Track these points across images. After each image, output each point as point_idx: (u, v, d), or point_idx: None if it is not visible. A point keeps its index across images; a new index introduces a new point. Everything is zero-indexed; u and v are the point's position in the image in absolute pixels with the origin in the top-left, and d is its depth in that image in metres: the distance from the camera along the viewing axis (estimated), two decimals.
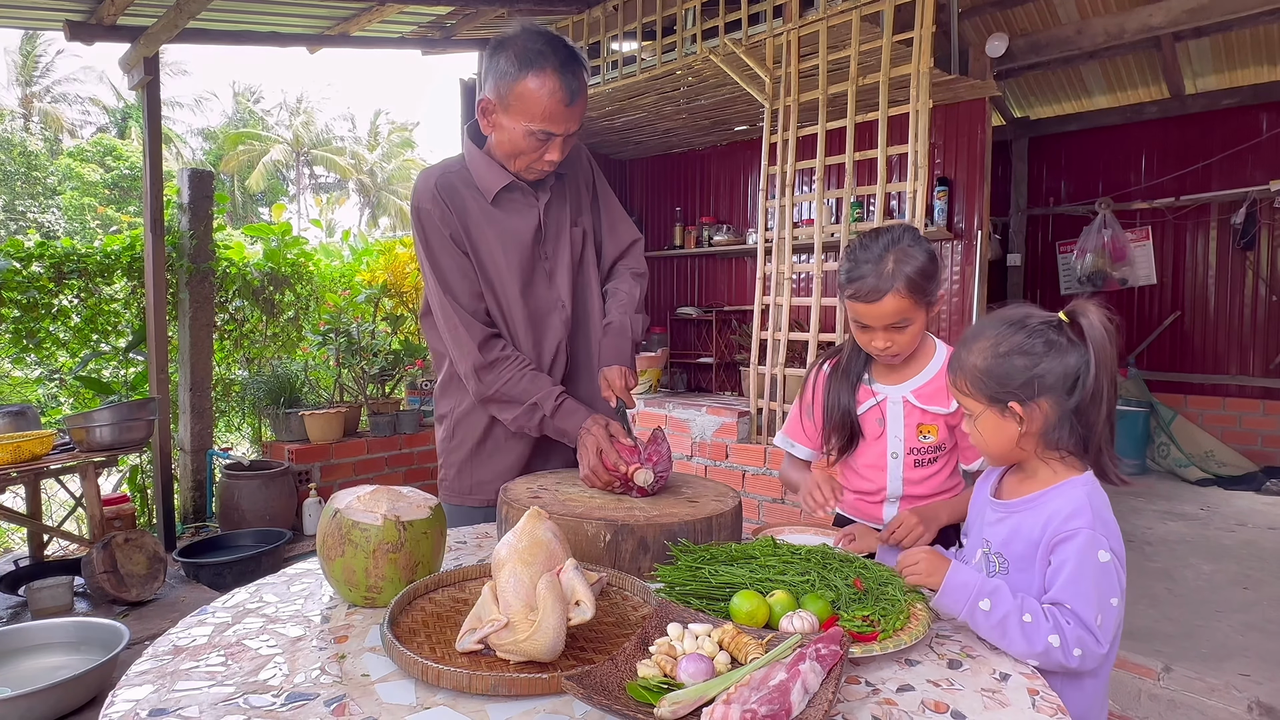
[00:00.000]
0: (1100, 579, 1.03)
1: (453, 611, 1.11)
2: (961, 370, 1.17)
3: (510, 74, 1.48)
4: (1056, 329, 1.11)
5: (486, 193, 1.62)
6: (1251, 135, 5.30)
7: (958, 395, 1.19)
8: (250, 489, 3.93)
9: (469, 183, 1.63)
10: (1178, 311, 5.73)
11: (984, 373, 1.14)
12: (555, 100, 1.47)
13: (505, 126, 1.53)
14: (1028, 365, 1.10)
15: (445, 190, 1.60)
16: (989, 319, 1.19)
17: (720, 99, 4.48)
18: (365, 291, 4.96)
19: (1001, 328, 1.14)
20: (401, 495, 1.21)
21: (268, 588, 1.23)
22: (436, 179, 1.61)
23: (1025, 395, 1.11)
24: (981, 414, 1.15)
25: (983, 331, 1.16)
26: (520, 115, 1.50)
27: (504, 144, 1.56)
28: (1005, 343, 1.13)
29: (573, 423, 1.55)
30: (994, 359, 1.13)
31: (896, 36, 3.05)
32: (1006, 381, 1.11)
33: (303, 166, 28.99)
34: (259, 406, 4.54)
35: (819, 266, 3.33)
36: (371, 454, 4.59)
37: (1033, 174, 6.29)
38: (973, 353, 1.15)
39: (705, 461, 3.66)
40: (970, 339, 1.18)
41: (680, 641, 0.94)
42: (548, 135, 1.51)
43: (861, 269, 1.43)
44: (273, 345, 4.94)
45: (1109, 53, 5.32)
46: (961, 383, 1.17)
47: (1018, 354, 1.11)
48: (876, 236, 1.45)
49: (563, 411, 1.56)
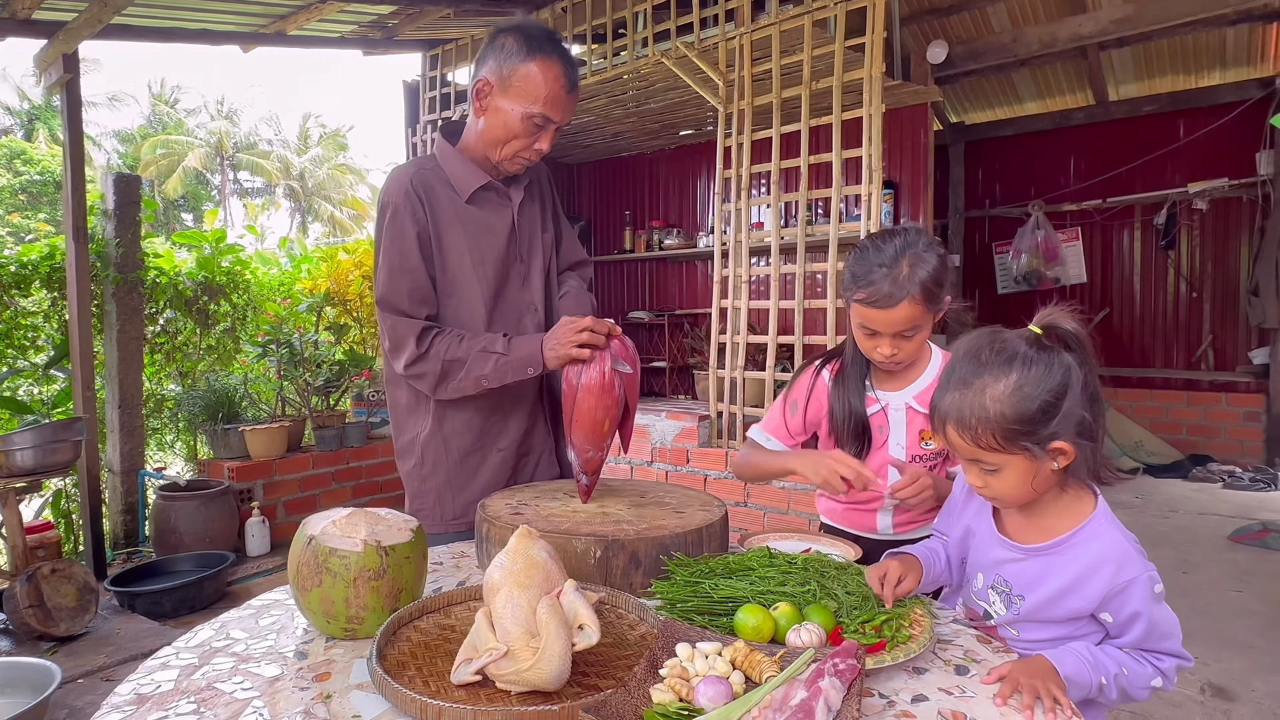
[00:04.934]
0: (1164, 607, 1.03)
1: (441, 640, 1.04)
2: (984, 424, 1.00)
3: (516, 55, 1.47)
4: (1044, 347, 1.03)
5: (462, 191, 1.58)
6: (1170, 140, 5.59)
7: (976, 452, 1.03)
8: (188, 510, 3.72)
9: (444, 180, 1.59)
10: (1107, 309, 5.99)
11: (1016, 420, 0.99)
12: (559, 85, 1.48)
13: (502, 109, 1.51)
14: (1055, 397, 0.99)
15: (421, 187, 1.54)
16: (965, 358, 1.05)
17: (670, 102, 4.48)
18: (307, 300, 4.77)
19: (996, 363, 1.02)
20: (380, 518, 1.14)
21: (234, 623, 1.14)
22: (412, 175, 1.55)
23: (1064, 429, 0.99)
24: (1008, 465, 1.02)
25: (978, 373, 1.02)
26: (521, 98, 1.48)
27: (495, 129, 1.53)
28: (1016, 379, 1.00)
29: (530, 345, 1.48)
30: (1019, 402, 0.99)
31: (848, 42, 3.09)
32: (1042, 423, 0.99)
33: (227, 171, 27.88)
34: (195, 423, 4.31)
35: (777, 270, 3.35)
36: (317, 469, 4.42)
37: (969, 177, 6.50)
38: (990, 400, 1.00)
39: (666, 466, 3.64)
40: (971, 385, 1.02)
41: (691, 662, 0.91)
42: (545, 121, 1.51)
43: (874, 274, 1.35)
44: (208, 358, 4.70)
45: (1040, 61, 5.54)
46: (986, 437, 1.00)
47: (1038, 387, 0.99)
48: (888, 239, 1.37)
49: (516, 342, 1.50)
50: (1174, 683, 1.02)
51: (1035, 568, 1.08)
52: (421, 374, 1.53)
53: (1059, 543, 1.06)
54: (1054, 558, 1.07)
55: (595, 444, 1.41)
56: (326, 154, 29.29)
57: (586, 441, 1.40)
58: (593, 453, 1.41)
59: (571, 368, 1.42)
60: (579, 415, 1.40)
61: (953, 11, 5.04)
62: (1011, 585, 1.11)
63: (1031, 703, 0.90)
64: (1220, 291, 5.59)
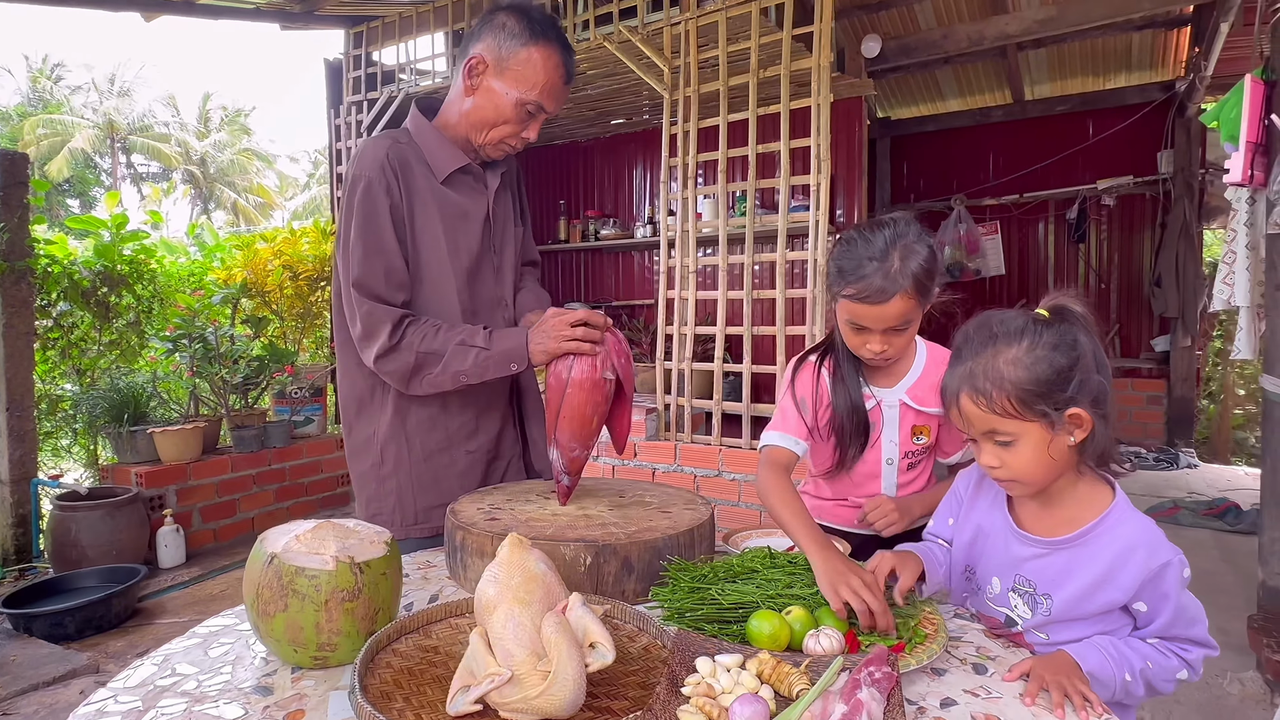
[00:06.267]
0: (1189, 594, 1.01)
1: (424, 664, 0.94)
2: (1000, 387, 0.98)
3: (517, 38, 1.40)
4: (1053, 320, 1.02)
5: (439, 172, 1.47)
6: (1081, 139, 5.87)
7: (991, 422, 1.00)
8: (90, 521, 3.41)
9: (420, 158, 1.47)
10: (1024, 300, 6.21)
11: (1032, 382, 0.97)
12: (559, 74, 1.43)
13: (495, 91, 1.42)
14: (1069, 362, 0.97)
15: (396, 160, 1.42)
16: (976, 334, 1.04)
17: (609, 89, 4.39)
18: (221, 292, 4.45)
19: (1008, 332, 1.00)
20: (349, 530, 1.03)
21: (179, 656, 1.00)
22: (388, 148, 1.43)
23: (1080, 396, 0.97)
24: (1024, 435, 0.99)
25: (991, 343, 1.01)
26: (517, 82, 1.41)
27: (485, 110, 1.43)
28: (1027, 343, 0.99)
29: (514, 338, 1.38)
30: (1033, 364, 0.97)
31: (796, 30, 3.07)
32: (1058, 386, 0.97)
33: (119, 154, 25.97)
34: (95, 425, 3.95)
35: (724, 260, 3.31)
36: (236, 472, 4.13)
37: (895, 172, 6.67)
38: (1005, 364, 0.98)
39: (613, 461, 3.56)
40: (984, 354, 1.01)
41: (715, 679, 0.84)
42: (539, 110, 1.44)
43: (865, 267, 1.28)
44: (110, 354, 4.32)
45: (962, 59, 5.72)
46: (1002, 402, 0.98)
47: (1053, 352, 0.98)
48: (876, 230, 1.31)
49: (498, 335, 1.39)
50: (1200, 674, 1.00)
51: (1060, 562, 1.04)
52: (393, 366, 1.40)
53: (1084, 533, 1.02)
54: (1080, 549, 1.03)
55: (582, 442, 1.33)
56: (230, 138, 27.68)
57: (574, 439, 1.32)
58: (579, 451, 1.33)
59: (561, 361, 1.33)
60: (568, 411, 1.32)
61: (882, 8, 5.13)
62: (1036, 584, 1.06)
63: (1061, 700, 0.87)
64: (1126, 282, 5.91)
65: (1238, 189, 2.43)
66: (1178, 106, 5.30)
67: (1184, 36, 5.22)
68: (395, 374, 1.42)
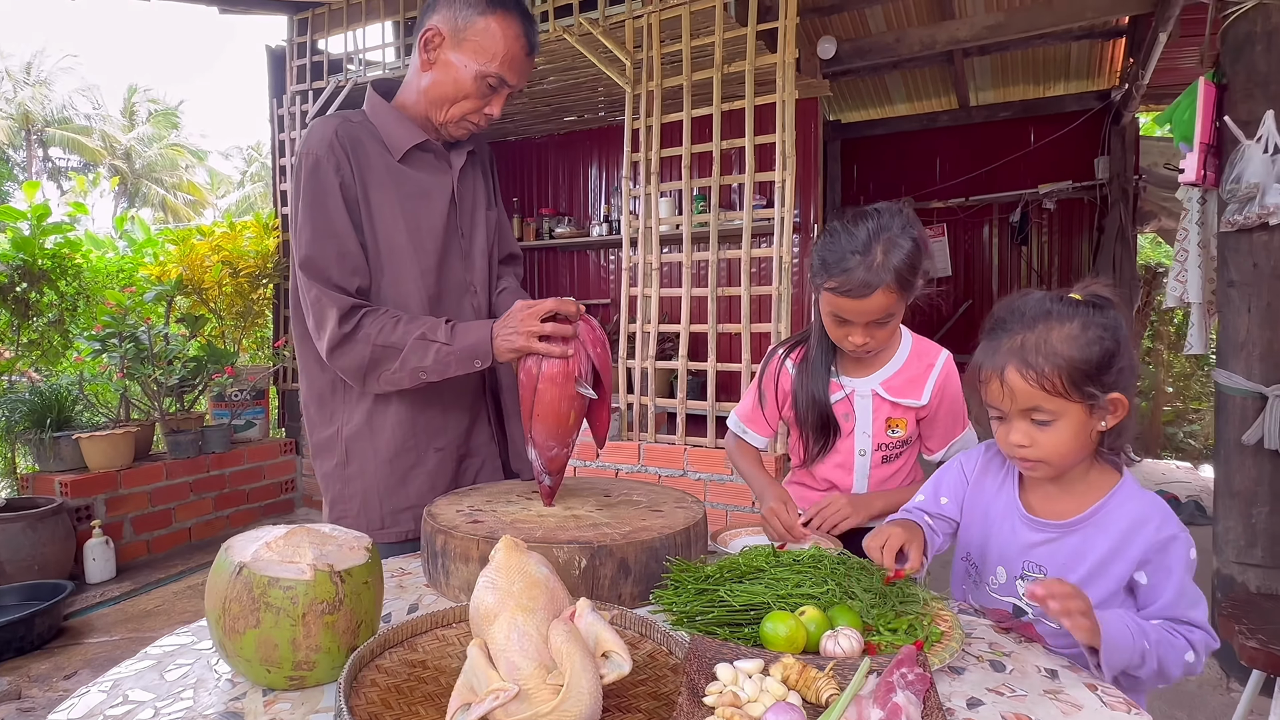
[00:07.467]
0: (1192, 580, 1.00)
1: (412, 681, 0.86)
2: (1052, 362, 0.97)
3: (473, 7, 1.32)
4: (1097, 304, 1.01)
5: (395, 149, 1.37)
6: (1023, 144, 6.05)
7: (1036, 398, 0.98)
8: (10, 534, 3.16)
9: (374, 135, 1.38)
10: (969, 300, 6.42)
11: (1084, 362, 0.96)
12: (520, 45, 1.34)
13: (453, 65, 1.33)
14: (1116, 347, 0.97)
15: (347, 139, 1.32)
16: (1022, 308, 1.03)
17: (566, 84, 4.31)
18: (154, 289, 4.19)
19: (1060, 311, 0.99)
20: (326, 536, 0.94)
21: (130, 681, 0.89)
22: (337, 126, 1.33)
23: (1124, 382, 0.97)
24: (1064, 415, 0.98)
25: (1043, 319, 1.00)
26: (476, 54, 1.33)
27: (444, 85, 1.35)
28: (1080, 323, 0.98)
29: (478, 333, 1.27)
30: (1087, 344, 0.97)
31: (759, 26, 3.06)
32: (1105, 368, 0.97)
33: (35, 147, 24.55)
34: (14, 431, 3.67)
35: (688, 257, 3.27)
36: (172, 479, 3.90)
37: (845, 173, 6.77)
38: (1058, 340, 0.97)
39: (575, 462, 3.48)
40: (1035, 328, 0.99)
41: (739, 687, 0.78)
42: (500, 83, 1.36)
43: (847, 261, 1.26)
44: (30, 355, 4.03)
45: (910, 64, 5.82)
46: (1053, 378, 0.97)
47: (1104, 334, 0.97)
48: (859, 222, 1.28)
49: (460, 329, 1.29)
50: (1204, 660, 0.99)
51: (1071, 545, 1.04)
52: (347, 361, 1.30)
53: (1093, 511, 1.03)
54: (1090, 529, 1.04)
55: (560, 439, 1.25)
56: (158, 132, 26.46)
57: (550, 437, 1.24)
58: (557, 449, 1.25)
59: (531, 355, 1.25)
60: (540, 409, 1.24)
61: (834, 10, 5.19)
62: (1047, 569, 1.06)
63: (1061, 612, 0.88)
64: (1066, 283, 6.04)
65: (1189, 189, 2.51)
66: (1113, 115, 5.50)
67: (1119, 47, 5.42)
68: (350, 369, 1.32)
